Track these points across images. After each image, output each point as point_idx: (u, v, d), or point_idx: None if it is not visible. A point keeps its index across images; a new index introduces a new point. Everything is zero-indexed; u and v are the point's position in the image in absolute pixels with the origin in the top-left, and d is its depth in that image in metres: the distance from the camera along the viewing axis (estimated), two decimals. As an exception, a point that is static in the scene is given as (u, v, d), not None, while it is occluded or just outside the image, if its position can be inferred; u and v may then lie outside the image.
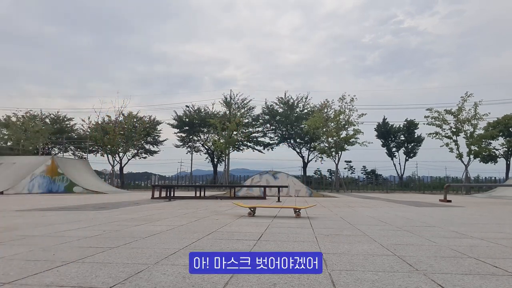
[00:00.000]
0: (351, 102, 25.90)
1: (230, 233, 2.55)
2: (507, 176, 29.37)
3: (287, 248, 1.95)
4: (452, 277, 1.34)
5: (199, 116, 33.31)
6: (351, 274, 1.36)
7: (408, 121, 34.96)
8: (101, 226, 2.97)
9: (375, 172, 39.62)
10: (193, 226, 3.02)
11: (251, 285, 1.20)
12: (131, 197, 10.95)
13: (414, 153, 35.81)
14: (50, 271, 1.39)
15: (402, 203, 7.77)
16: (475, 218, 4.03)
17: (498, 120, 29.39)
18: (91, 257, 1.65)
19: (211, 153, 34.78)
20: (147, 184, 34.57)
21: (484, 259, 1.69)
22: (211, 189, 22.35)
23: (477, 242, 2.23)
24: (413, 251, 1.88)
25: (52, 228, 2.81)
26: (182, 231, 2.64)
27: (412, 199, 11.07)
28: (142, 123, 32.78)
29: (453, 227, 3.05)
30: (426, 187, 29.77)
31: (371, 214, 4.59)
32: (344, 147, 26.32)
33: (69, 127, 35.34)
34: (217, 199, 9.22)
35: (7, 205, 5.98)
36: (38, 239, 2.21)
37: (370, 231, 2.74)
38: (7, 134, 28.57)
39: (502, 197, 12.85)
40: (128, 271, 1.39)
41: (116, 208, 5.46)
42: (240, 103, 31.36)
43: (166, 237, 2.35)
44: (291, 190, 13.14)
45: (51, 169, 16.17)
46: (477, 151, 24.49)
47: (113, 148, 29.29)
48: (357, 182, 33.97)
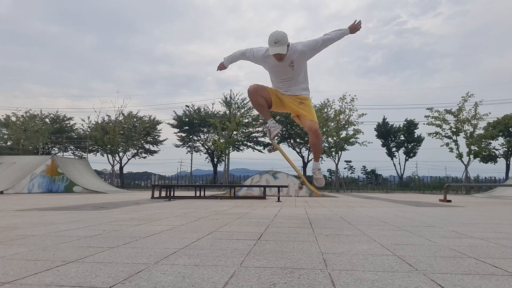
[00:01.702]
0: (351, 102, 25.92)
1: (230, 233, 2.55)
2: (507, 176, 29.40)
3: (287, 247, 1.95)
4: (452, 277, 1.34)
5: (199, 116, 33.31)
6: (351, 274, 1.36)
7: (408, 121, 34.97)
8: (101, 225, 2.97)
9: (375, 172, 39.65)
10: (193, 225, 3.02)
11: (251, 285, 1.20)
12: (131, 197, 10.95)
13: (414, 153, 35.83)
14: (50, 270, 1.39)
15: (402, 203, 7.77)
16: (475, 218, 4.03)
17: (498, 120, 29.41)
18: (91, 257, 1.66)
19: (211, 153, 34.79)
20: (147, 184, 34.59)
21: (484, 259, 1.69)
22: (211, 189, 22.36)
23: (477, 242, 2.23)
24: (413, 251, 1.89)
25: (52, 227, 2.81)
26: (182, 231, 2.64)
27: (412, 199, 11.07)
28: (142, 122, 32.77)
29: (453, 227, 3.05)
30: (426, 187, 29.81)
31: (371, 214, 4.60)
32: (344, 147, 26.33)
33: (69, 127, 35.33)
34: (217, 199, 9.22)
35: (7, 205, 5.98)
36: (38, 239, 2.21)
37: (370, 231, 2.74)
38: (7, 133, 28.56)
39: (502, 197, 12.85)
40: (128, 271, 1.39)
41: (116, 207, 5.47)
42: (240, 103, 31.36)
43: (166, 236, 2.35)
44: (291, 190, 13.14)
45: (51, 169, 16.18)
46: (477, 151, 24.51)
47: (113, 147, 29.30)
48: (357, 182, 34.00)
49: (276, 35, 3.17)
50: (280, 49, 3.18)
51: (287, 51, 3.28)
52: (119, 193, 15.56)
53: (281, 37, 3.17)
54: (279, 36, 3.17)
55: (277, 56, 3.26)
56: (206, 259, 1.62)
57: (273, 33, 3.22)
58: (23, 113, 30.35)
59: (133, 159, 34.28)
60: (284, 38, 3.18)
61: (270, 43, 3.21)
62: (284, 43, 3.19)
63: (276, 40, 3.16)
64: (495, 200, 10.77)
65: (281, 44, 3.17)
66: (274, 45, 3.18)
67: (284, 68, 3.40)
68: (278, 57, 3.26)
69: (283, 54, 3.23)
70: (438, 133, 24.57)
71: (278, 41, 3.16)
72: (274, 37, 3.16)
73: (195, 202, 7.65)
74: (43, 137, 27.81)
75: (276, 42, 3.16)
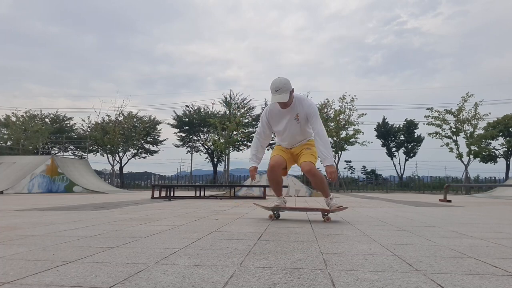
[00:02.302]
0: (351, 102, 25.92)
1: (230, 233, 2.55)
2: (507, 176, 29.42)
3: (287, 247, 1.95)
4: (452, 277, 1.34)
5: (199, 116, 33.30)
6: (351, 274, 1.36)
7: (408, 121, 34.98)
8: (101, 225, 2.97)
9: (375, 172, 39.67)
10: (193, 225, 3.02)
11: (251, 285, 1.20)
12: (131, 197, 10.95)
13: (414, 153, 35.84)
14: (50, 270, 1.39)
15: (402, 203, 7.77)
16: (475, 218, 4.03)
17: (498, 120, 29.42)
18: (90, 257, 1.66)
19: (211, 153, 34.79)
20: (147, 184, 34.58)
21: (484, 259, 1.69)
22: (211, 189, 22.35)
23: (477, 242, 2.23)
24: (413, 251, 1.89)
25: (52, 227, 2.81)
26: (182, 231, 2.64)
27: (412, 199, 11.07)
28: (142, 122, 32.76)
29: (453, 227, 3.05)
30: (426, 187, 29.80)
31: (371, 214, 4.60)
32: (344, 147, 26.32)
33: (69, 127, 35.33)
34: (217, 199, 9.22)
35: (7, 205, 5.98)
36: (37, 239, 2.21)
37: (370, 231, 2.74)
38: (7, 133, 28.56)
39: (502, 197, 12.85)
40: (128, 271, 1.39)
41: (116, 207, 5.46)
42: (240, 103, 31.36)
43: (166, 236, 2.35)
44: (291, 190, 13.14)
45: (51, 169, 16.17)
46: (477, 151, 24.51)
47: (113, 147, 29.29)
48: (357, 182, 33.99)
49: (276, 83, 3.12)
50: (281, 97, 3.12)
51: (292, 98, 3.23)
52: (119, 193, 15.56)
53: (282, 85, 3.11)
54: (280, 84, 3.11)
55: (281, 104, 3.23)
56: (206, 259, 1.62)
57: (274, 81, 3.16)
58: (23, 113, 30.36)
59: (133, 159, 34.29)
60: (285, 85, 3.12)
61: (272, 91, 3.15)
62: (286, 90, 3.12)
63: (277, 88, 3.10)
64: (495, 200, 10.77)
65: (282, 92, 3.11)
66: (275, 93, 3.12)
67: (291, 122, 3.35)
68: (282, 104, 3.24)
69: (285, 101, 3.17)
70: (438, 133, 24.56)
71: (279, 89, 3.11)
72: (275, 85, 3.12)
73: (195, 202, 7.65)
74: (43, 137, 27.80)
75: (277, 90, 3.11)
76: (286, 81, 3.14)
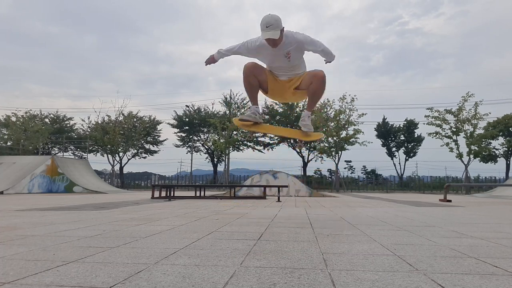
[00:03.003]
0: (351, 102, 25.89)
1: (230, 233, 2.55)
2: (507, 176, 29.39)
3: (287, 247, 1.95)
4: (452, 276, 1.34)
5: (199, 116, 33.28)
6: (351, 274, 1.36)
7: (408, 121, 34.95)
8: (101, 226, 2.97)
9: (375, 172, 39.62)
10: (193, 226, 3.02)
11: (251, 285, 1.20)
12: (131, 197, 10.95)
13: (414, 153, 35.80)
14: (50, 270, 1.39)
15: (402, 203, 7.77)
16: (475, 218, 4.03)
17: (498, 120, 29.38)
18: (91, 257, 1.65)
19: (211, 153, 34.76)
20: (147, 184, 34.57)
21: (484, 259, 1.69)
22: (211, 189, 22.35)
23: (477, 242, 2.23)
24: (413, 250, 1.88)
25: (52, 227, 2.81)
26: (182, 231, 2.64)
27: (412, 199, 11.07)
28: (142, 123, 32.73)
29: (453, 227, 3.05)
30: (426, 187, 29.79)
31: (371, 214, 4.59)
32: (344, 147, 26.30)
33: (69, 127, 35.31)
34: (217, 199, 9.22)
35: (7, 205, 5.98)
36: (38, 239, 2.21)
37: (370, 230, 2.74)
38: (7, 134, 28.55)
39: (502, 197, 12.85)
40: (128, 271, 1.39)
41: (116, 207, 5.46)
42: (240, 103, 31.35)
43: (166, 237, 2.35)
44: (291, 190, 13.14)
45: (51, 169, 16.17)
46: (477, 151, 24.49)
47: (113, 147, 29.27)
48: (357, 182, 33.98)
49: (267, 19, 2.90)
50: (272, 34, 2.89)
51: (282, 37, 3.03)
52: (119, 193, 15.56)
53: (273, 21, 2.89)
54: (271, 20, 2.89)
55: (270, 42, 2.99)
56: (206, 259, 1.62)
57: (265, 16, 2.93)
58: (23, 113, 30.37)
59: (133, 159, 34.28)
60: (276, 21, 2.89)
61: (262, 27, 2.92)
62: (277, 27, 2.89)
63: (268, 24, 2.88)
64: (495, 200, 10.77)
65: (273, 28, 2.91)
66: (266, 29, 2.89)
67: (280, 58, 3.18)
68: (271, 43, 3.00)
69: (276, 39, 2.95)
70: (438, 133, 24.55)
71: (270, 25, 2.88)
72: (266, 21, 2.90)
73: (195, 202, 7.65)
74: (43, 137, 27.79)
75: (268, 26, 2.88)
76: (277, 18, 2.93)
